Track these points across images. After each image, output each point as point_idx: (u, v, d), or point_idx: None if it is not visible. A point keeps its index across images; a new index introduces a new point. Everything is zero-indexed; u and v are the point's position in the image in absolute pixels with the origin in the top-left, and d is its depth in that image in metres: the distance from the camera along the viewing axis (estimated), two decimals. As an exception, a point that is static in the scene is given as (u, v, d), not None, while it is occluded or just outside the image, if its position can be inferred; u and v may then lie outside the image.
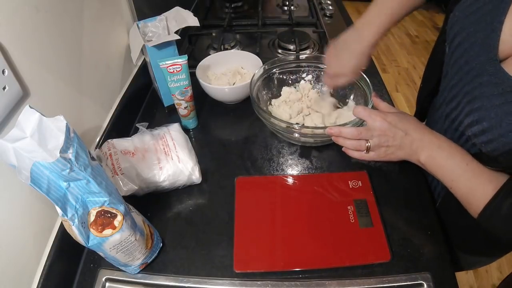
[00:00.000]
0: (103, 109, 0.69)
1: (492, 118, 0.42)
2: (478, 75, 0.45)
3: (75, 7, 0.57)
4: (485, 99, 0.43)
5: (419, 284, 0.48)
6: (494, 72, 0.42)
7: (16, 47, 0.43)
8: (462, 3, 0.49)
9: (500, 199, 0.43)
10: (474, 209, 0.47)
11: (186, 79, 0.64)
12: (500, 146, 0.42)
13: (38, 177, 0.33)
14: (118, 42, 0.74)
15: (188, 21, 0.72)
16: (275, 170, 0.65)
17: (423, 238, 0.54)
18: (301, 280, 0.49)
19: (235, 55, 0.85)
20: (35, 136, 0.34)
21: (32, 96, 0.46)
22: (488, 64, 0.43)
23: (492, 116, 0.42)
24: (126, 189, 0.55)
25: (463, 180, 0.48)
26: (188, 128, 0.74)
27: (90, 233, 0.39)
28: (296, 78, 0.79)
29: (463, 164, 0.48)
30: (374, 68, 0.91)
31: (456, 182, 0.48)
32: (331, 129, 0.56)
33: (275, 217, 0.55)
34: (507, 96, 0.40)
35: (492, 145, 0.43)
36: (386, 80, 2.14)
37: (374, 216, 0.54)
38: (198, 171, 0.60)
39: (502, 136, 0.41)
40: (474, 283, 1.38)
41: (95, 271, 0.51)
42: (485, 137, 0.44)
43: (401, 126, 0.53)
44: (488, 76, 0.43)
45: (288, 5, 1.21)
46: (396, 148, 0.54)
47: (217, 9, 1.25)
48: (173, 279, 0.49)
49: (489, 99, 0.43)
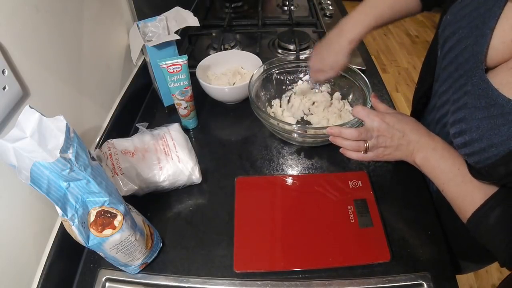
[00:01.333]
0: (103, 109, 0.69)
1: (474, 132, 0.40)
2: (465, 84, 0.44)
3: (75, 7, 0.57)
4: (467, 111, 0.42)
5: (419, 284, 0.48)
6: (477, 82, 0.41)
7: (16, 47, 0.43)
8: (454, 6, 0.48)
9: (489, 208, 0.43)
10: (463, 214, 0.46)
11: (186, 79, 0.64)
12: (482, 159, 0.41)
13: (38, 177, 0.33)
14: (118, 42, 0.74)
15: (188, 21, 0.71)
16: (275, 170, 0.65)
17: (423, 238, 0.54)
18: (301, 280, 0.49)
19: (235, 55, 0.85)
20: (35, 136, 0.34)
21: (32, 96, 0.46)
22: (474, 72, 0.42)
23: (474, 129, 0.40)
24: (126, 189, 0.55)
25: (453, 184, 0.47)
26: (188, 128, 0.74)
27: (90, 233, 0.39)
28: (293, 79, 0.79)
29: (454, 168, 0.47)
30: (374, 68, 0.91)
31: (447, 185, 0.48)
32: (332, 129, 0.56)
33: (275, 217, 0.55)
34: (490, 109, 0.38)
35: (474, 158, 0.42)
36: (386, 80, 2.14)
37: (374, 216, 0.54)
38: (198, 171, 0.60)
39: (484, 150, 0.40)
40: (474, 283, 1.38)
41: (95, 271, 0.51)
42: (467, 149, 0.42)
43: (399, 127, 0.53)
44: (472, 86, 0.42)
45: (288, 5, 1.21)
46: (393, 148, 0.54)
47: (217, 9, 1.25)
48: (173, 279, 0.49)
49: (472, 111, 0.41)
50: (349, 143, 0.55)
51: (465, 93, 0.43)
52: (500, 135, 0.37)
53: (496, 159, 0.39)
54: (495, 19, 0.40)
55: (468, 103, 0.42)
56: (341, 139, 0.56)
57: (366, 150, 0.55)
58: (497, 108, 0.38)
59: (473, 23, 0.43)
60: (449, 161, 0.48)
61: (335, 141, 0.57)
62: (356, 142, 0.55)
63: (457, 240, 0.60)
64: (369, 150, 0.55)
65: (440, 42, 0.52)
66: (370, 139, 0.54)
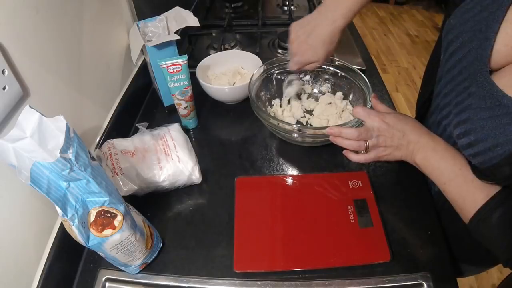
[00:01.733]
0: (103, 109, 0.69)
1: (479, 132, 0.41)
2: (469, 86, 0.44)
3: (75, 7, 0.57)
4: (472, 112, 0.42)
5: (419, 284, 0.48)
6: (482, 83, 0.41)
7: (16, 47, 0.43)
8: (457, 10, 0.48)
9: (491, 208, 0.43)
10: (465, 214, 0.46)
11: (186, 79, 0.64)
12: (487, 159, 0.41)
13: (38, 177, 0.34)
14: (118, 42, 0.74)
15: (188, 21, 0.71)
16: (275, 170, 0.65)
17: (423, 238, 0.54)
18: (301, 280, 0.49)
19: (235, 55, 0.85)
20: (35, 136, 0.34)
21: (32, 96, 0.46)
22: (478, 74, 0.42)
23: (479, 129, 0.41)
24: (126, 189, 0.55)
25: (454, 185, 0.47)
26: (188, 128, 0.74)
27: (90, 233, 0.39)
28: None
29: (455, 168, 0.47)
30: (374, 68, 0.91)
31: (448, 185, 0.48)
32: (332, 129, 0.56)
33: (275, 217, 0.55)
34: (494, 110, 0.39)
35: (479, 158, 0.42)
36: (386, 80, 2.14)
37: (374, 216, 0.54)
38: (198, 171, 0.60)
39: (489, 150, 0.40)
40: (474, 283, 1.38)
41: (95, 271, 0.51)
42: (472, 150, 0.43)
43: (399, 127, 0.53)
44: (477, 87, 0.42)
45: (288, 5, 1.21)
46: (393, 148, 0.54)
47: (217, 9, 1.25)
48: (173, 279, 0.49)
49: (476, 112, 0.41)
50: (350, 143, 0.55)
51: (469, 94, 0.43)
52: (506, 134, 0.38)
53: (501, 159, 0.39)
54: (498, 23, 0.40)
55: (473, 103, 0.42)
56: (341, 139, 0.56)
57: (367, 149, 0.55)
58: (502, 108, 0.38)
59: (477, 27, 0.44)
60: (450, 161, 0.48)
61: (336, 141, 0.57)
62: (356, 141, 0.55)
63: (459, 243, 0.60)
64: (369, 149, 0.55)
65: (443, 45, 0.52)
66: (370, 138, 0.54)
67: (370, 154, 0.55)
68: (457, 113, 0.46)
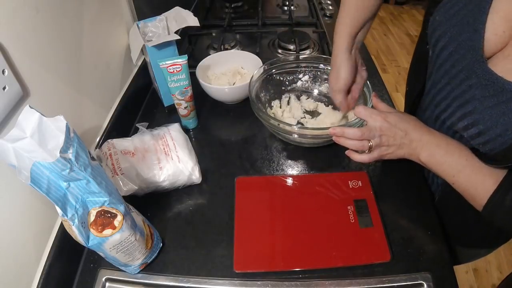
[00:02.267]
0: (103, 109, 0.69)
1: (487, 120, 0.43)
2: (467, 78, 0.46)
3: (75, 7, 0.57)
4: (477, 102, 0.44)
5: (419, 284, 0.48)
6: (482, 73, 0.43)
7: (16, 47, 0.43)
8: (441, 7, 0.50)
9: (502, 193, 0.44)
10: (478, 202, 0.47)
11: (186, 79, 0.64)
12: (498, 145, 0.43)
13: (38, 177, 0.33)
14: (118, 42, 0.74)
15: (188, 21, 0.71)
16: (275, 170, 0.65)
17: (423, 238, 0.54)
18: (301, 280, 0.49)
19: (235, 55, 0.85)
20: (35, 136, 0.34)
21: (32, 96, 0.46)
22: (476, 65, 0.44)
23: (487, 118, 0.43)
24: (126, 189, 0.55)
25: (464, 176, 0.48)
26: (188, 128, 0.74)
27: (90, 233, 0.39)
28: (293, 79, 0.79)
29: (462, 160, 0.48)
30: (374, 68, 0.91)
31: (457, 177, 0.49)
32: (334, 130, 0.56)
33: (275, 217, 0.55)
34: (498, 96, 0.41)
35: (489, 145, 0.44)
36: (386, 80, 2.14)
37: (374, 216, 0.54)
38: (198, 171, 0.60)
39: (500, 136, 0.42)
40: (474, 283, 1.38)
41: (95, 271, 0.51)
42: (482, 138, 0.44)
43: (401, 126, 0.53)
44: (477, 78, 0.43)
45: (288, 5, 1.21)
46: (396, 147, 0.54)
47: (217, 9, 1.25)
48: (173, 279, 0.49)
49: (481, 101, 0.43)
50: (353, 143, 0.56)
51: (470, 86, 0.45)
52: None
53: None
54: (485, 14, 0.42)
55: (476, 94, 0.44)
56: (344, 139, 0.56)
57: (370, 149, 0.55)
58: (506, 94, 0.40)
59: (464, 20, 0.45)
60: (456, 154, 0.49)
61: (339, 141, 0.57)
62: (359, 141, 0.55)
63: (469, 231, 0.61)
64: (373, 149, 0.55)
65: (431, 42, 0.53)
66: (373, 138, 0.54)
67: (373, 153, 0.55)
68: (459, 105, 0.47)
